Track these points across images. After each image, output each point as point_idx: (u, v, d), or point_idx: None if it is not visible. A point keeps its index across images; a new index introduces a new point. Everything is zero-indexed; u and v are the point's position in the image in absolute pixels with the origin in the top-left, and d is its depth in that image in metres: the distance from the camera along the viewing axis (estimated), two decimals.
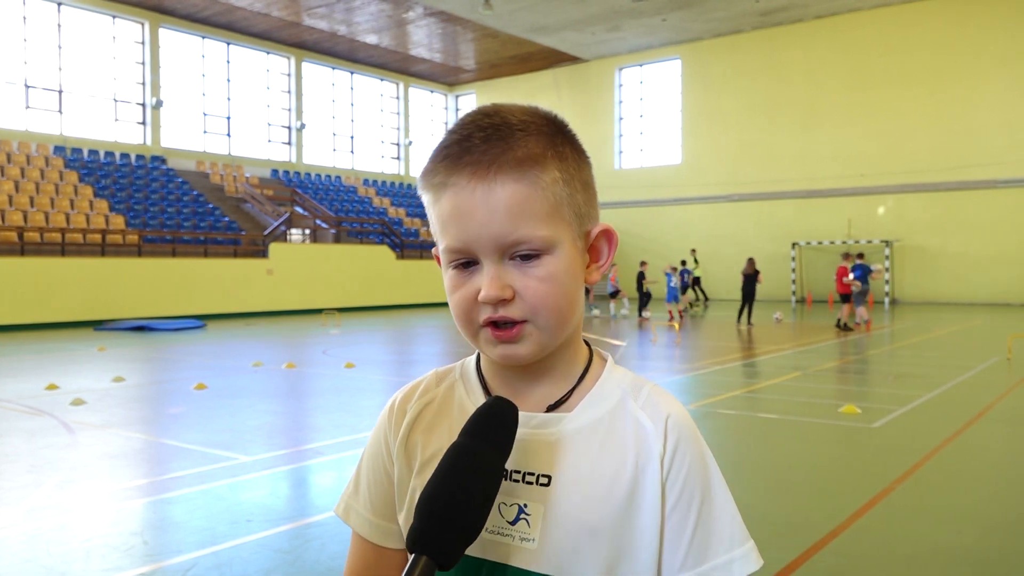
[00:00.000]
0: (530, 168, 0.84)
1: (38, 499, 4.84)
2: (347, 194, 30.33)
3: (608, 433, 0.89)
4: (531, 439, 0.90)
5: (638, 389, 0.92)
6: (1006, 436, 6.61)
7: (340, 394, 8.99)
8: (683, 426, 0.89)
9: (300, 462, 5.87)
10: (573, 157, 0.89)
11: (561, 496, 0.86)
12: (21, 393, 8.82)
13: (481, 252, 0.84)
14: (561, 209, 0.86)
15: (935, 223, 25.85)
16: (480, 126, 0.85)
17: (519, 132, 0.85)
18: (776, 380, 9.79)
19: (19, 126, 23.28)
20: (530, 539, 0.86)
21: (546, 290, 0.85)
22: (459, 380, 0.99)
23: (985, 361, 11.13)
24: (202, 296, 20.81)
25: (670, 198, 30.97)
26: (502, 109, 0.88)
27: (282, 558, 3.87)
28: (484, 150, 0.83)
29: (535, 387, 0.93)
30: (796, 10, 26.94)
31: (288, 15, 26.89)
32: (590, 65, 33.11)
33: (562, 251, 0.86)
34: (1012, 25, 24.43)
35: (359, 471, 1.01)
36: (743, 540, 0.88)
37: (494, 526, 0.87)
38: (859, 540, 4.04)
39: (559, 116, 0.92)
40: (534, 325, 0.86)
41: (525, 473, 0.88)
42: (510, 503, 0.87)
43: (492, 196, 0.82)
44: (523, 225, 0.83)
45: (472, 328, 0.88)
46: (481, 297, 0.84)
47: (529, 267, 0.84)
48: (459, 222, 0.84)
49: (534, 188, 0.83)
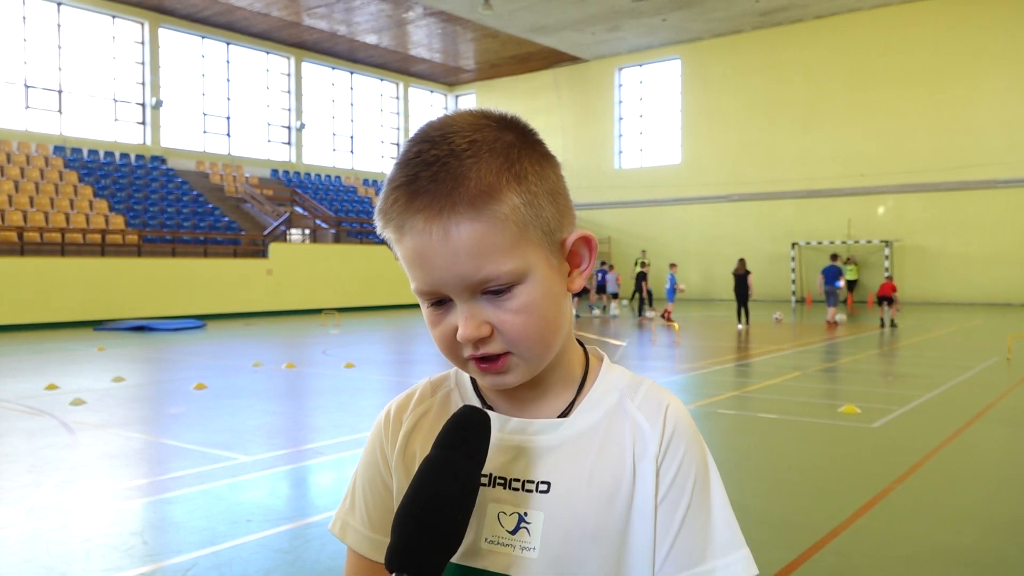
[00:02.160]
0: (485, 202, 0.78)
1: (38, 499, 4.84)
2: (347, 194, 30.33)
3: (606, 436, 0.88)
4: (529, 446, 0.88)
5: (636, 388, 0.91)
6: (1006, 436, 6.61)
7: (340, 394, 8.99)
8: (679, 419, 0.88)
9: (300, 462, 5.87)
10: (533, 171, 0.82)
11: (561, 503, 0.85)
12: (21, 393, 8.82)
13: (451, 292, 0.81)
14: (527, 233, 0.81)
15: (935, 223, 25.85)
16: (426, 161, 0.79)
17: (468, 159, 0.79)
18: (776, 380, 9.79)
19: (19, 126, 23.28)
20: (531, 548, 0.84)
21: (523, 321, 0.81)
22: (455, 389, 0.97)
23: (985, 361, 11.13)
24: (202, 296, 20.81)
25: (670, 198, 30.97)
26: (450, 129, 0.81)
27: (282, 558, 3.87)
28: (433, 191, 0.78)
29: (534, 397, 0.91)
30: (796, 10, 26.94)
31: (288, 15, 26.89)
32: (590, 65, 33.11)
33: (535, 276, 0.82)
34: (1012, 25, 24.43)
35: (354, 486, 0.98)
36: (734, 547, 0.85)
37: (494, 536, 0.86)
38: (859, 540, 4.04)
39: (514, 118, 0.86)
40: (518, 356, 0.83)
41: (524, 481, 0.87)
42: (510, 512, 0.86)
43: (449, 239, 0.78)
44: (487, 263, 0.79)
45: (459, 361, 0.86)
46: (459, 337, 0.82)
47: (502, 300, 0.81)
48: (422, 266, 0.81)
49: (492, 222, 0.78)
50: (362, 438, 6.57)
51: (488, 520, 0.86)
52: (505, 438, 0.89)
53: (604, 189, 32.34)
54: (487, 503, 0.87)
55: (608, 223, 31.98)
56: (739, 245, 27.93)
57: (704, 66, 30.24)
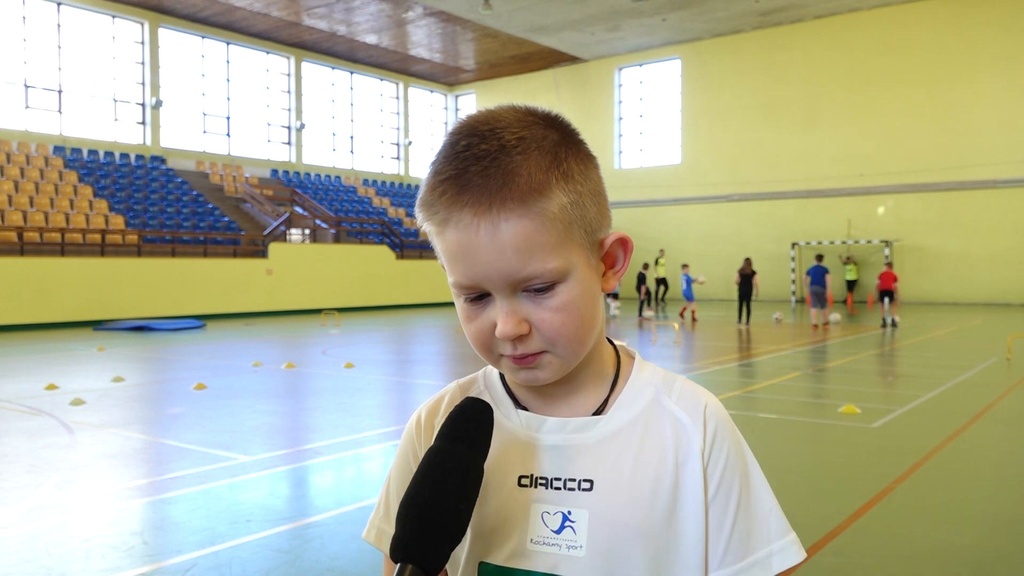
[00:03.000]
0: (535, 200, 0.79)
1: (38, 499, 4.84)
2: (347, 194, 30.33)
3: (645, 432, 0.88)
4: (568, 444, 0.88)
5: (671, 384, 0.91)
6: (1006, 436, 6.61)
7: (340, 394, 8.99)
8: (720, 416, 0.89)
9: (300, 462, 5.87)
10: (579, 170, 0.84)
11: (605, 500, 0.85)
12: (21, 393, 8.82)
13: (492, 288, 0.82)
14: (571, 233, 0.82)
15: (935, 223, 25.86)
16: (476, 155, 0.80)
17: (518, 156, 0.79)
18: (776, 380, 9.79)
19: (19, 126, 23.28)
20: (577, 546, 0.84)
21: (562, 320, 0.82)
22: (484, 391, 0.97)
23: (985, 361, 11.13)
24: (202, 296, 20.81)
25: (670, 198, 30.97)
26: (498, 124, 0.82)
27: (282, 558, 3.87)
28: (483, 185, 0.78)
29: (567, 395, 0.91)
30: (796, 10, 26.95)
31: (288, 15, 26.89)
32: (590, 65, 33.11)
33: (576, 275, 0.83)
34: (1011, 25, 24.44)
35: (387, 493, 0.97)
36: (784, 532, 0.87)
37: (539, 536, 0.85)
38: (859, 540, 4.04)
39: (559, 117, 0.87)
40: (553, 354, 0.84)
41: (566, 480, 0.86)
42: (554, 511, 0.86)
43: (497, 234, 0.78)
44: (532, 261, 0.79)
45: (492, 357, 0.87)
46: (498, 334, 0.82)
47: (543, 298, 0.82)
48: (465, 260, 0.81)
49: (541, 220, 0.79)
50: (362, 438, 6.59)
51: (532, 521, 0.86)
52: (543, 438, 0.89)
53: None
54: (530, 504, 0.87)
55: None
56: (739, 245, 27.94)
57: (704, 66, 30.25)
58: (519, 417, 0.92)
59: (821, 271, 17.39)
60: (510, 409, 0.93)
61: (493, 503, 0.88)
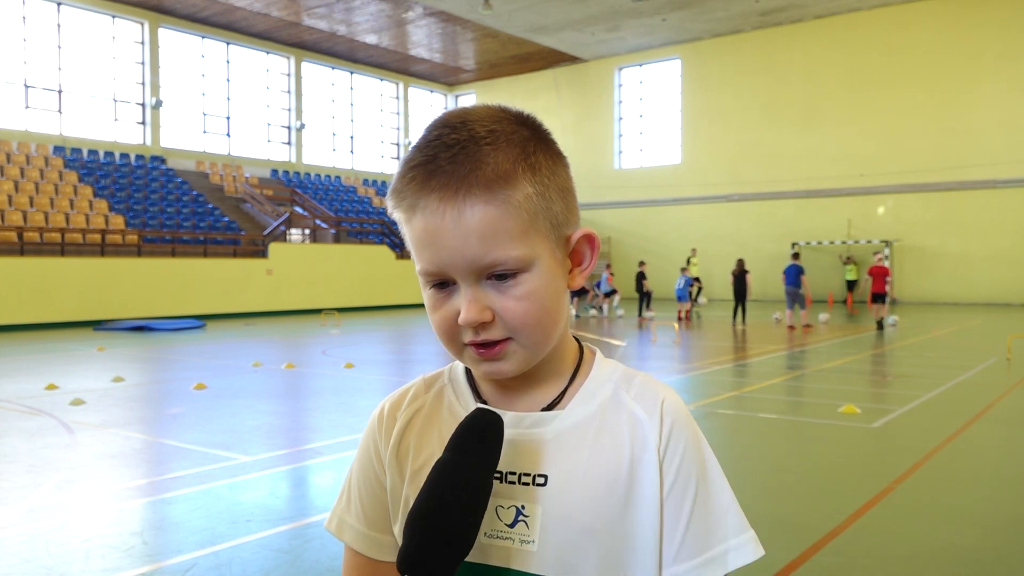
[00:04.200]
0: (500, 187, 0.80)
1: (38, 499, 4.84)
2: (347, 194, 30.33)
3: (601, 428, 0.88)
4: (525, 439, 0.89)
5: (630, 380, 0.92)
6: (1006, 436, 6.61)
7: (339, 394, 8.99)
8: (677, 411, 0.89)
9: (300, 462, 5.87)
10: (547, 165, 0.85)
11: (558, 495, 0.85)
12: (21, 393, 8.82)
13: (456, 275, 0.83)
14: (536, 223, 0.83)
15: (934, 223, 25.86)
16: (446, 144, 0.82)
17: (487, 146, 0.81)
18: (775, 380, 9.79)
19: (19, 126, 23.27)
20: (530, 540, 0.85)
21: (525, 308, 0.83)
22: (448, 384, 0.98)
23: (985, 361, 11.13)
24: (202, 296, 20.81)
25: (670, 198, 30.96)
26: (469, 118, 0.84)
27: (282, 558, 3.87)
28: (451, 171, 0.80)
29: (527, 389, 0.92)
30: (796, 10, 26.95)
31: (288, 15, 26.89)
32: (590, 65, 33.10)
33: (540, 266, 0.84)
34: (1011, 25, 24.43)
35: (349, 483, 0.99)
36: (741, 529, 0.87)
37: (493, 530, 0.86)
38: (859, 540, 4.04)
39: (530, 116, 0.89)
40: (517, 343, 0.85)
41: (521, 474, 0.87)
42: (507, 505, 0.86)
43: (462, 220, 0.80)
44: (496, 247, 0.81)
45: (456, 347, 0.87)
46: (460, 320, 0.83)
47: (506, 287, 0.83)
48: (431, 246, 0.83)
49: (505, 208, 0.81)
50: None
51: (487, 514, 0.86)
52: None
53: (604, 189, 32.32)
54: None
55: (608, 223, 31.95)
56: (739, 245, 27.93)
57: (704, 66, 30.24)
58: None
59: (795, 270, 16.89)
60: (470, 402, 0.94)
61: None
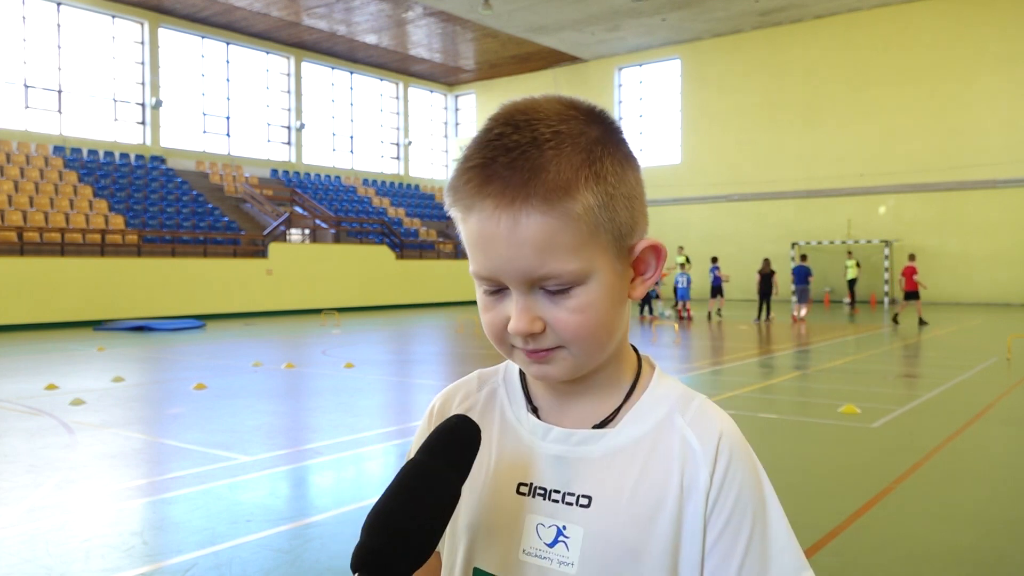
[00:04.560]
0: (559, 199, 0.76)
1: (38, 499, 4.84)
2: (347, 194, 30.33)
3: (652, 451, 0.84)
4: (572, 457, 0.85)
5: (687, 403, 0.86)
6: (1006, 436, 6.61)
7: (339, 394, 8.99)
8: (735, 445, 0.83)
9: (300, 462, 5.87)
10: (614, 171, 0.79)
11: (602, 518, 0.82)
12: (21, 393, 8.82)
13: (508, 282, 0.79)
14: (597, 236, 0.78)
15: (934, 223, 25.86)
16: (506, 147, 0.77)
17: (550, 151, 0.76)
18: (776, 380, 9.79)
19: (19, 126, 23.27)
20: (569, 563, 0.82)
21: (579, 321, 0.79)
22: (502, 386, 0.94)
23: (985, 361, 11.13)
24: (202, 296, 20.81)
25: (670, 198, 30.96)
26: (535, 115, 0.79)
27: (282, 558, 3.87)
28: (508, 178, 0.76)
29: (581, 401, 0.88)
30: (796, 10, 26.95)
31: (287, 15, 26.89)
32: (589, 65, 33.11)
33: (597, 279, 0.79)
34: (1011, 25, 24.44)
35: None
36: (798, 568, 0.83)
37: (532, 548, 0.83)
38: (859, 540, 4.04)
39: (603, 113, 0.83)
40: (568, 352, 0.81)
41: (565, 493, 0.84)
42: (548, 524, 0.83)
43: (517, 229, 0.76)
44: (551, 260, 0.77)
45: (505, 348, 0.85)
46: (510, 329, 0.80)
47: (561, 299, 0.79)
48: (485, 251, 0.79)
49: (564, 220, 0.76)
50: (362, 438, 6.59)
51: (526, 531, 0.84)
52: (547, 447, 0.87)
53: None
54: (525, 514, 0.85)
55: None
56: (739, 245, 27.95)
57: (704, 66, 30.24)
58: (528, 421, 0.89)
59: (803, 271, 18.74)
60: (521, 410, 0.91)
61: (490, 507, 0.87)
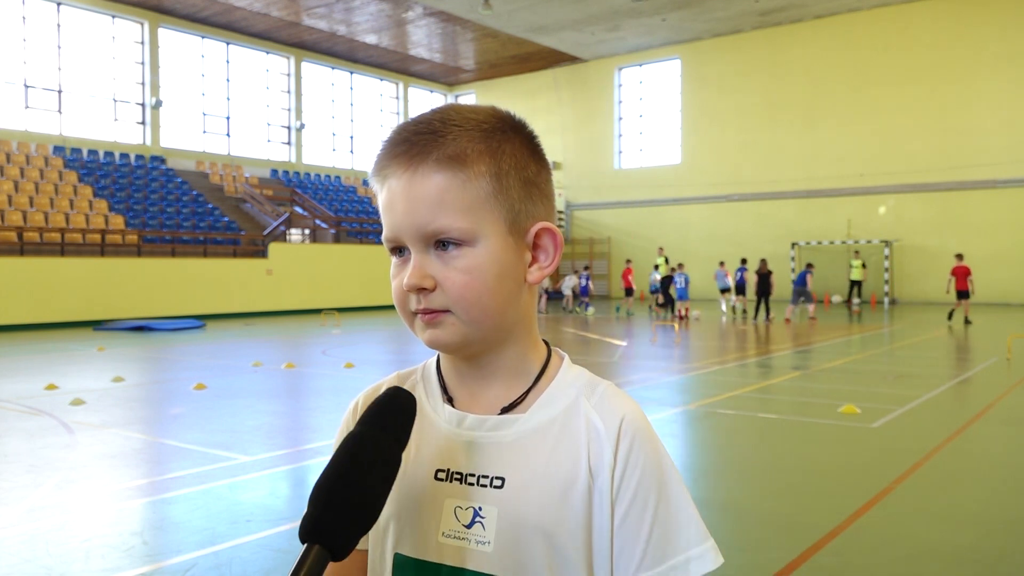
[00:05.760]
0: (456, 163, 0.85)
1: (38, 499, 4.84)
2: (347, 194, 30.33)
3: (561, 433, 0.89)
4: (485, 442, 0.90)
5: (593, 388, 0.92)
6: (1006, 436, 6.61)
7: (339, 394, 8.99)
8: (638, 427, 0.88)
9: (300, 462, 5.87)
10: (512, 155, 0.88)
11: (515, 498, 0.87)
12: (21, 393, 8.82)
13: (407, 240, 0.86)
14: (488, 203, 0.86)
15: (934, 223, 25.84)
16: (417, 121, 0.88)
17: (455, 128, 0.86)
18: (776, 380, 9.79)
19: (18, 126, 23.27)
20: (485, 541, 0.86)
21: (465, 281, 0.85)
22: (420, 381, 0.99)
23: (985, 361, 11.13)
24: (202, 296, 20.81)
25: (670, 198, 30.96)
26: (452, 108, 0.89)
27: (282, 558, 3.87)
28: (414, 141, 0.85)
29: (490, 388, 0.93)
30: (796, 10, 26.94)
31: (287, 15, 26.89)
32: (589, 65, 33.10)
33: (486, 244, 0.86)
34: (1011, 25, 24.43)
35: None
36: (702, 539, 0.87)
37: (450, 530, 0.88)
38: (859, 540, 4.04)
39: (519, 119, 0.91)
40: (455, 316, 0.86)
41: (480, 476, 0.88)
42: (466, 506, 0.88)
43: (415, 186, 0.84)
44: (442, 215, 0.84)
45: (407, 316, 0.90)
46: (404, 285, 0.86)
47: (450, 258, 0.85)
48: (389, 212, 0.87)
49: (456, 179, 0.84)
50: None
51: (445, 515, 0.89)
52: (462, 433, 0.91)
53: (604, 189, 32.32)
54: (444, 498, 0.89)
55: (608, 223, 31.96)
56: (739, 245, 27.92)
57: (704, 66, 30.23)
58: (444, 411, 0.94)
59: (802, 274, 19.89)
60: (438, 402, 0.95)
61: (411, 495, 0.90)
